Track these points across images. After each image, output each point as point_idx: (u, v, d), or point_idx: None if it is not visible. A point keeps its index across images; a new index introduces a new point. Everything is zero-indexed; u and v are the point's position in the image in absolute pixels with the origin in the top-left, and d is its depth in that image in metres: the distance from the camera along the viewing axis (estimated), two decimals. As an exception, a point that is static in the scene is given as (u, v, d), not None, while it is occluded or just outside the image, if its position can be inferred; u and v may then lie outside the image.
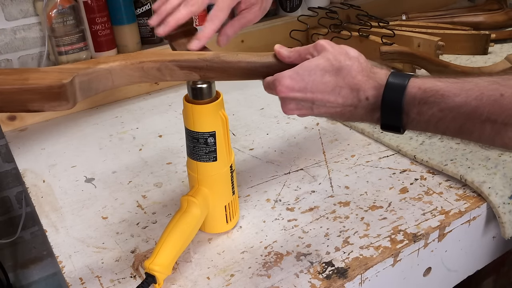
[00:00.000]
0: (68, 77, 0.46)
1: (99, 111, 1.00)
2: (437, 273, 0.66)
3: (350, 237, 0.60)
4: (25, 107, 0.46)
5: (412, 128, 0.50)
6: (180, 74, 0.54)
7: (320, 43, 0.52)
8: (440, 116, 0.47)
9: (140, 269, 0.58)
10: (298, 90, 0.51)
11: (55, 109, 0.47)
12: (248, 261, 0.58)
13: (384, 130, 0.51)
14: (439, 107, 0.46)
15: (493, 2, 1.29)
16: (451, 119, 0.46)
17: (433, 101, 0.47)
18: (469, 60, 1.08)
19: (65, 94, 0.46)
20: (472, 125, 0.46)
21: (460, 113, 0.46)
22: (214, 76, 0.55)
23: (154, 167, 0.79)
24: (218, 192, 0.60)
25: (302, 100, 0.52)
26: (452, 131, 0.48)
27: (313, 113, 0.53)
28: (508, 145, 0.46)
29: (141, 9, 1.03)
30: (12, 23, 0.96)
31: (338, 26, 1.11)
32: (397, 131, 0.50)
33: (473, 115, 0.45)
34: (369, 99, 0.49)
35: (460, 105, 0.45)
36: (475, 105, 0.45)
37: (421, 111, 0.47)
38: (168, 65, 0.54)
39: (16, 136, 0.92)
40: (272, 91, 0.54)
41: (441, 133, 0.49)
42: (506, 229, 0.64)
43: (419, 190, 0.68)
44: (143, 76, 0.53)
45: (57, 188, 0.75)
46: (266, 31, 1.18)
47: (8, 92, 0.45)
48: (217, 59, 0.55)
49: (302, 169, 0.75)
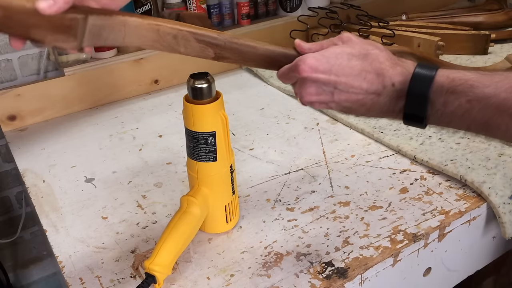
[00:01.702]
0: (82, 14, 0.44)
1: (99, 111, 1.00)
2: (437, 273, 0.66)
3: (350, 237, 0.60)
4: (26, 33, 0.43)
5: (435, 121, 0.48)
6: (196, 47, 0.53)
7: (345, 35, 0.52)
8: (467, 107, 0.45)
9: (140, 269, 0.58)
10: (322, 71, 0.49)
11: (57, 43, 0.44)
12: (248, 261, 0.58)
13: (407, 123, 0.49)
14: (467, 98, 0.45)
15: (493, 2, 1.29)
16: (478, 111, 0.44)
17: (461, 90, 0.45)
18: (469, 60, 1.08)
19: (75, 29, 0.44)
20: (500, 118, 0.44)
21: (489, 104, 0.44)
22: (229, 56, 0.54)
23: (154, 167, 0.78)
24: (218, 192, 0.60)
25: (324, 83, 0.50)
26: (478, 125, 0.45)
27: (333, 100, 0.50)
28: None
29: (141, 9, 1.03)
30: (12, 23, 0.96)
31: (338, 26, 1.11)
32: (420, 123, 0.48)
33: (502, 108, 0.43)
34: (395, 85, 0.48)
35: (490, 96, 0.44)
36: (504, 97, 0.43)
37: (448, 101, 0.45)
38: (186, 35, 0.52)
39: (16, 136, 0.92)
40: (293, 73, 0.52)
41: (465, 127, 0.47)
42: (506, 229, 0.64)
43: (419, 190, 0.68)
44: (156, 41, 0.51)
45: (57, 188, 0.75)
46: (266, 31, 1.18)
47: (17, 9, 0.42)
48: (236, 40, 0.54)
49: (302, 169, 0.75)
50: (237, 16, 1.17)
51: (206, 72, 0.56)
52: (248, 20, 1.17)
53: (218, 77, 0.53)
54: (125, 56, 1.02)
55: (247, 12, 1.16)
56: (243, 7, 1.15)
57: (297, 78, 0.52)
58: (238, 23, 1.18)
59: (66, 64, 0.96)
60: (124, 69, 1.02)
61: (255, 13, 1.20)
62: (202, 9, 1.09)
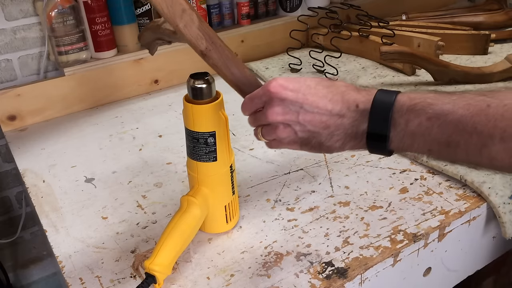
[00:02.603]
0: None
1: (99, 111, 1.00)
2: (437, 273, 0.66)
3: (350, 237, 0.60)
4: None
5: (398, 143, 0.48)
6: (194, 31, 0.54)
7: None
8: (427, 125, 0.46)
9: (140, 269, 0.58)
10: (291, 90, 0.51)
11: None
12: (248, 261, 0.58)
13: (371, 148, 0.50)
14: (426, 115, 0.46)
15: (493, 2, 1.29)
16: (438, 128, 0.45)
17: (420, 108, 0.46)
18: (469, 60, 1.08)
19: None
20: (459, 136, 0.45)
21: (447, 121, 0.45)
22: (215, 58, 0.55)
23: (154, 167, 0.79)
24: (218, 192, 0.60)
25: (292, 101, 0.50)
26: (439, 144, 0.46)
27: (298, 120, 0.51)
28: (495, 159, 0.44)
29: (141, 9, 1.03)
30: (12, 23, 0.96)
31: (338, 26, 1.11)
32: (384, 147, 0.48)
33: (460, 125, 0.44)
34: (359, 106, 0.49)
35: (447, 113, 0.45)
36: (462, 113, 0.44)
37: (409, 120, 0.46)
38: (194, 16, 0.53)
39: (16, 136, 0.92)
40: (259, 98, 0.53)
41: (427, 148, 0.47)
42: (506, 229, 0.64)
43: (419, 190, 0.68)
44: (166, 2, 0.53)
45: (57, 188, 0.75)
46: (266, 31, 1.18)
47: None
48: (229, 50, 0.55)
49: (302, 169, 0.75)
50: (237, 16, 1.17)
51: (206, 72, 0.56)
52: (248, 20, 1.17)
53: (218, 77, 0.53)
54: (125, 56, 1.02)
55: (247, 12, 1.16)
56: (243, 7, 1.15)
57: (263, 103, 0.53)
58: (238, 23, 1.18)
59: (66, 64, 0.96)
60: (124, 69, 1.02)
61: (255, 13, 1.20)
62: (202, 9, 1.09)
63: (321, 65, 1.07)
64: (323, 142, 0.51)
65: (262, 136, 0.55)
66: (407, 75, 1.03)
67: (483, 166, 0.46)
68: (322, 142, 0.51)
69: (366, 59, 1.14)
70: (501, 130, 0.42)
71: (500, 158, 0.43)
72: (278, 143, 0.54)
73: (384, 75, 1.05)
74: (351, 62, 1.14)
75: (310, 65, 1.10)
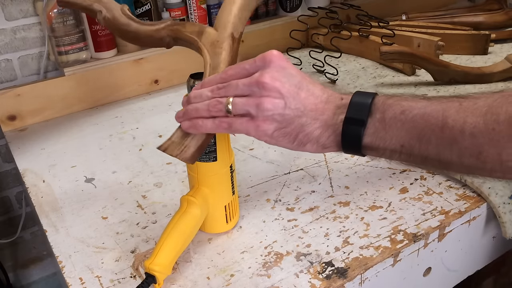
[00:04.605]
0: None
1: (99, 111, 1.00)
2: (437, 273, 0.66)
3: (350, 237, 0.60)
4: None
5: (372, 135, 0.48)
6: None
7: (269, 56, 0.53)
8: (400, 118, 0.47)
9: (140, 269, 0.58)
10: (291, 65, 0.51)
11: None
12: (248, 261, 0.58)
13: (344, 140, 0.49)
14: (401, 109, 0.47)
15: (493, 2, 1.29)
16: (411, 121, 0.46)
17: (395, 102, 0.48)
18: (469, 60, 1.08)
19: None
20: (430, 131, 0.45)
21: (420, 114, 0.46)
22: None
23: (154, 167, 0.79)
24: (218, 192, 0.60)
25: (292, 74, 0.50)
26: (411, 139, 0.47)
27: (297, 93, 0.49)
28: (464, 154, 0.44)
29: (141, 9, 1.03)
30: (12, 23, 0.96)
31: (338, 26, 1.11)
32: (358, 136, 0.48)
33: (431, 119, 0.45)
34: (343, 99, 0.51)
35: (421, 107, 0.47)
36: (434, 108, 0.46)
37: (384, 111, 0.48)
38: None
39: (16, 136, 0.92)
40: (259, 56, 0.51)
41: (400, 144, 0.47)
42: (506, 229, 0.64)
43: (419, 190, 0.68)
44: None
45: (57, 188, 0.75)
46: (266, 31, 1.18)
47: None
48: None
49: (302, 169, 0.75)
50: (237, 16, 1.17)
51: (206, 72, 0.56)
52: (248, 20, 1.17)
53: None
54: (125, 56, 1.02)
55: (247, 12, 1.16)
56: (243, 7, 1.15)
57: (255, 69, 0.51)
58: (238, 23, 1.18)
59: (66, 64, 0.96)
60: (124, 69, 1.02)
61: (255, 13, 1.20)
62: (202, 9, 1.09)
63: (321, 65, 1.07)
64: (304, 126, 0.49)
65: (233, 105, 0.49)
66: (407, 75, 1.03)
67: (453, 164, 0.46)
68: (304, 125, 0.49)
69: (366, 59, 1.14)
70: (471, 125, 0.43)
71: (468, 154, 0.44)
72: (245, 123, 0.50)
73: (384, 75, 1.05)
74: (351, 62, 1.14)
75: (310, 65, 1.10)
